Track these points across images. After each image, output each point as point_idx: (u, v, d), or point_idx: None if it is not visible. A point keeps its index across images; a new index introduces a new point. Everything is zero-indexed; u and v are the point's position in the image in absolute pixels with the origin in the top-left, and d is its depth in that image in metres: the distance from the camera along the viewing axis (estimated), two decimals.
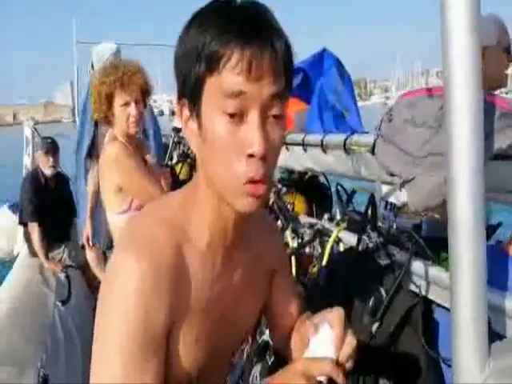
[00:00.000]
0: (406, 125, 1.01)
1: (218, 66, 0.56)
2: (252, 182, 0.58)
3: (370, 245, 1.39)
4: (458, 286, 0.69)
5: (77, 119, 5.07)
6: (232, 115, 0.57)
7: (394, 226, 1.49)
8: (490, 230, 1.54)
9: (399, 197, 1.13)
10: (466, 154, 0.66)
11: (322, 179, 2.65)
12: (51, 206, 3.39)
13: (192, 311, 0.65)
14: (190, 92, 0.61)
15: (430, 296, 1.27)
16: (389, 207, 1.44)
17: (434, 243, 1.28)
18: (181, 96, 0.63)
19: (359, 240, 1.36)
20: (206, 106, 0.59)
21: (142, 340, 0.59)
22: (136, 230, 0.68)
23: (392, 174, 1.05)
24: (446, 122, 0.67)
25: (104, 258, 2.66)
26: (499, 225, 1.57)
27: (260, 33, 0.57)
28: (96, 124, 2.71)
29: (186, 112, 0.63)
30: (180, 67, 0.62)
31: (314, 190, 2.58)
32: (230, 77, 0.56)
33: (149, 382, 0.59)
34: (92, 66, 2.96)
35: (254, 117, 0.57)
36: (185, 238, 0.66)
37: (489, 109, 0.94)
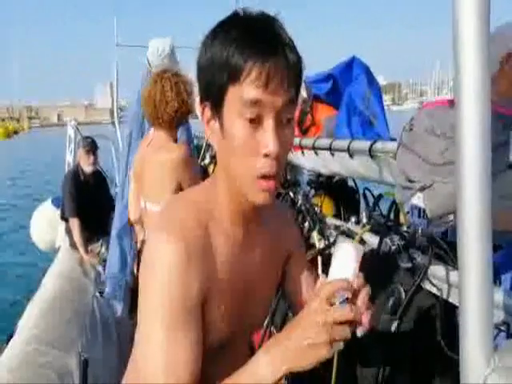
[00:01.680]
0: (425, 134, 1.06)
1: (240, 78, 0.65)
2: (264, 177, 0.68)
3: (393, 247, 1.44)
4: (466, 283, 0.71)
5: (115, 120, 5.25)
6: (250, 120, 0.66)
7: (420, 231, 1.53)
8: None
9: (419, 202, 1.17)
10: (473, 162, 0.69)
11: (350, 183, 2.68)
12: (90, 202, 3.55)
13: (220, 283, 0.74)
14: (213, 97, 0.69)
15: (451, 299, 1.30)
16: (422, 214, 1.47)
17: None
18: (203, 98, 0.72)
19: (380, 242, 1.41)
20: (227, 111, 0.68)
21: (180, 306, 0.67)
22: (168, 213, 0.78)
23: (411, 181, 1.10)
24: (456, 133, 0.71)
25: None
26: None
27: (276, 49, 0.65)
28: None
29: (208, 113, 0.72)
30: (204, 74, 0.70)
31: (342, 193, 2.62)
32: (250, 89, 0.65)
33: (189, 345, 0.67)
34: (148, 61, 2.90)
35: (269, 122, 0.66)
36: (210, 219, 0.76)
37: (505, 120, 0.98)
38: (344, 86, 2.02)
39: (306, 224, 2.09)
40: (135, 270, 3.26)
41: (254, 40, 0.65)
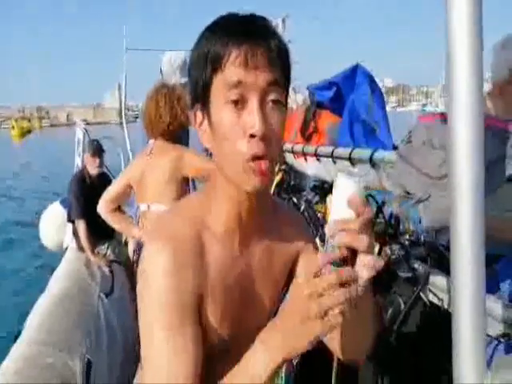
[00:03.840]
0: (423, 147, 1.06)
1: (221, 65, 0.67)
2: (255, 158, 0.67)
3: (393, 257, 1.44)
4: (459, 297, 0.71)
5: (123, 121, 5.32)
6: (235, 102, 0.67)
7: (422, 240, 1.52)
8: None
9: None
10: (466, 175, 0.68)
11: None
12: (96, 204, 3.61)
13: (215, 290, 0.75)
14: (201, 93, 0.71)
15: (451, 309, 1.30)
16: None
17: None
18: (193, 102, 0.74)
19: (380, 251, 1.41)
20: (213, 102, 0.69)
21: (176, 308, 0.69)
22: (162, 222, 0.79)
23: (408, 192, 1.10)
24: (448, 147, 0.70)
25: None
26: None
27: (254, 33, 0.67)
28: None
29: (199, 115, 0.74)
30: (192, 74, 0.72)
31: None
32: (231, 70, 0.66)
33: (187, 346, 0.69)
34: (161, 71, 3.11)
35: (253, 102, 0.67)
36: (204, 226, 0.77)
37: (503, 135, 0.99)
38: (347, 94, 2.02)
39: None
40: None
41: (234, 28, 0.67)
